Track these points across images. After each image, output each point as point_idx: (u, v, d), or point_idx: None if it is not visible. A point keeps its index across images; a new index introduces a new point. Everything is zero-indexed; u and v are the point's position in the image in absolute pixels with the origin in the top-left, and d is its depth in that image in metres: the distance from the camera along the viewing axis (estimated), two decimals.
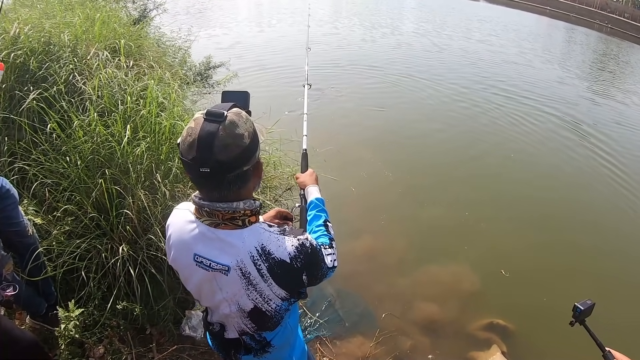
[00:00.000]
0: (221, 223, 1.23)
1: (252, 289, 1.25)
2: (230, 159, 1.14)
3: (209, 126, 1.13)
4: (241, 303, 1.29)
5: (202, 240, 1.25)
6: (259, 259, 1.22)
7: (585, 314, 1.70)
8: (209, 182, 1.18)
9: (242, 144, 1.16)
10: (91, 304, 2.75)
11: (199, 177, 1.17)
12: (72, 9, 5.69)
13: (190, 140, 1.14)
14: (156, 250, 2.77)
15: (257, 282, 1.24)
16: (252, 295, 1.26)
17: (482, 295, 4.27)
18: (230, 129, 1.14)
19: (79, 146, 2.90)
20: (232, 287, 1.27)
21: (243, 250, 1.22)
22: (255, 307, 1.29)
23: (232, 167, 1.16)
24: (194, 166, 1.14)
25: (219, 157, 1.12)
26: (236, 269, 1.23)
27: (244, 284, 1.25)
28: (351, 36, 16.37)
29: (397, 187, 5.94)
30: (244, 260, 1.22)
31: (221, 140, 1.12)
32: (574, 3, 37.35)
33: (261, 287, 1.25)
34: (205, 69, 6.94)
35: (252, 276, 1.24)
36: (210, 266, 1.25)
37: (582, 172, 7.14)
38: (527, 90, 11.21)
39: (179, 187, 2.96)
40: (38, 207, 2.87)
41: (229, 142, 1.13)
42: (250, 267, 1.23)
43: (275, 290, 1.26)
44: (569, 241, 5.25)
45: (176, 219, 1.34)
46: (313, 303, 3.84)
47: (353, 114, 8.44)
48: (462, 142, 7.72)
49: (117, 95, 3.31)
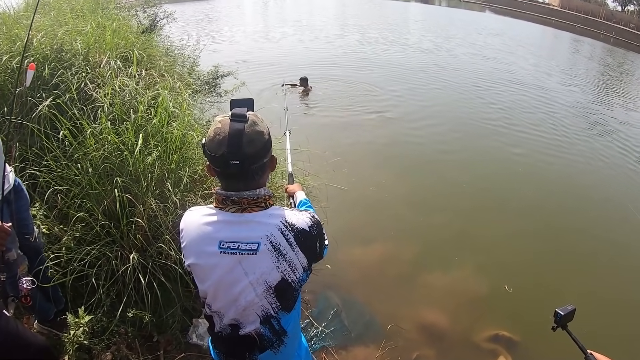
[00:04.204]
0: (247, 207, 1.39)
1: (282, 259, 1.39)
2: (255, 152, 1.33)
3: (236, 125, 1.31)
4: (269, 279, 1.40)
5: (228, 226, 1.39)
6: (286, 230, 1.39)
7: (567, 319, 1.78)
8: (237, 173, 1.35)
9: (263, 139, 1.36)
10: (100, 311, 2.76)
11: (228, 169, 1.34)
12: (84, 16, 5.76)
13: (220, 138, 1.31)
14: (166, 258, 2.78)
15: (287, 252, 1.39)
16: (282, 266, 1.39)
17: (487, 306, 4.24)
18: (253, 127, 1.33)
19: (91, 153, 2.93)
20: (260, 265, 1.38)
21: (271, 225, 1.38)
22: (282, 279, 1.41)
23: (256, 159, 1.35)
24: (224, 160, 1.31)
25: (247, 150, 1.31)
26: (266, 242, 1.37)
27: (274, 256, 1.38)
28: (357, 47, 16.52)
29: (406, 197, 5.94)
30: (273, 233, 1.38)
31: (247, 136, 1.31)
32: (579, 14, 37.42)
33: (290, 256, 1.40)
34: (213, 77, 6.99)
35: (282, 246, 1.38)
36: (239, 248, 1.37)
37: (596, 185, 7.10)
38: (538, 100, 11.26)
39: (190, 196, 2.98)
40: (48, 212, 2.89)
41: (254, 138, 1.33)
42: (280, 238, 1.38)
43: (300, 258, 1.42)
44: (579, 254, 5.21)
45: (193, 216, 1.45)
46: (319, 313, 3.84)
47: (361, 124, 8.51)
48: (472, 153, 7.74)
49: (128, 103, 3.34)
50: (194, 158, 3.30)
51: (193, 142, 3.28)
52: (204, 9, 27.32)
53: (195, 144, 3.30)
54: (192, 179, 3.03)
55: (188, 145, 3.26)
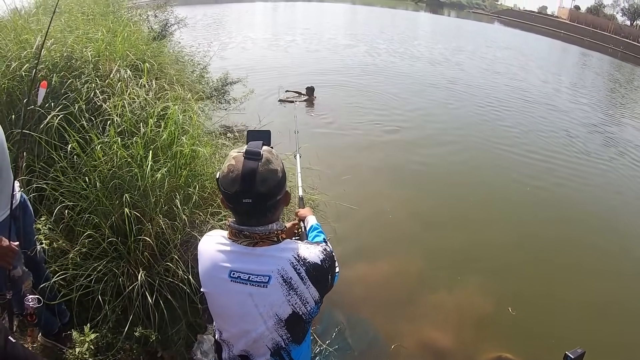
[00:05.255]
0: (259, 241, 1.40)
1: (293, 293, 1.38)
2: (268, 191, 1.34)
3: (249, 163, 1.32)
4: (280, 312, 1.39)
5: (239, 258, 1.39)
6: (298, 264, 1.39)
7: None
8: (250, 210, 1.36)
9: (277, 177, 1.36)
10: (105, 327, 2.73)
11: (241, 207, 1.35)
12: (94, 19, 5.73)
13: (234, 175, 1.32)
14: (173, 276, 2.74)
15: (298, 286, 1.38)
16: (293, 299, 1.39)
17: (491, 327, 4.21)
18: (266, 165, 1.34)
19: (99, 167, 2.90)
20: (271, 298, 1.38)
21: (283, 258, 1.38)
22: (293, 312, 1.40)
23: (270, 197, 1.35)
24: (237, 198, 1.33)
25: (260, 189, 1.32)
26: (277, 276, 1.37)
27: (285, 290, 1.37)
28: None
29: (413, 217, 5.90)
30: (284, 267, 1.37)
31: (261, 175, 1.32)
32: (588, 27, 37.42)
33: (301, 290, 1.39)
34: (222, 84, 6.99)
35: (294, 280, 1.38)
36: (249, 279, 1.37)
37: (607, 210, 7.00)
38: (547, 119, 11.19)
39: (198, 213, 2.95)
40: (55, 226, 2.86)
41: (267, 177, 1.33)
42: (291, 272, 1.38)
43: (312, 292, 1.41)
44: (583, 276, 5.16)
45: (208, 244, 1.47)
46: (324, 330, 3.80)
47: (371, 141, 8.48)
48: (483, 174, 7.66)
49: (138, 114, 3.31)
50: (203, 174, 3.26)
51: (202, 157, 3.25)
52: (214, 12, 27.49)
53: (204, 159, 3.26)
54: (201, 196, 2.98)
55: (198, 161, 3.23)
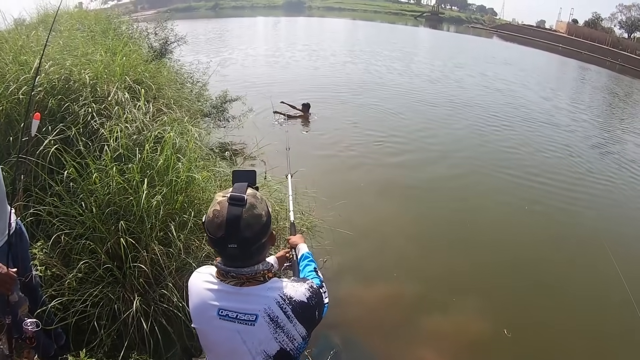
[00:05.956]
0: (246, 282, 1.42)
1: (280, 331, 1.41)
2: (253, 235, 1.36)
3: (233, 210, 1.35)
4: (267, 349, 1.41)
5: (227, 297, 1.42)
6: (284, 303, 1.42)
7: None
8: (235, 254, 1.38)
9: (261, 221, 1.39)
10: (100, 351, 2.73)
11: (226, 251, 1.37)
12: (94, 38, 5.74)
13: (218, 221, 1.34)
14: (168, 302, 2.75)
15: (285, 324, 1.41)
16: (280, 337, 1.41)
17: (487, 350, 4.18)
18: (251, 211, 1.36)
19: (95, 192, 2.91)
20: (258, 336, 1.40)
21: (270, 298, 1.41)
22: (281, 348, 1.42)
23: (254, 241, 1.38)
24: (223, 243, 1.35)
25: (244, 234, 1.34)
26: (264, 315, 1.39)
27: (272, 328, 1.40)
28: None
29: (410, 240, 5.87)
30: (270, 306, 1.40)
31: (245, 221, 1.34)
32: (586, 41, 37.66)
33: (288, 328, 1.42)
34: (221, 102, 7.03)
35: (280, 319, 1.41)
36: (237, 317, 1.40)
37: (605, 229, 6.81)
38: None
39: (193, 240, 2.95)
40: (51, 251, 2.86)
41: (252, 222, 1.35)
42: (278, 311, 1.41)
43: (299, 329, 1.43)
44: (578, 298, 5.08)
45: (197, 281, 1.50)
46: (319, 353, 3.77)
47: (367, 163, 8.40)
48: (482, 199, 7.54)
49: (134, 139, 3.32)
50: (199, 199, 3.27)
51: (198, 183, 3.26)
52: (214, 27, 27.70)
53: (200, 184, 3.27)
54: (197, 223, 2.98)
55: (193, 187, 3.24)
